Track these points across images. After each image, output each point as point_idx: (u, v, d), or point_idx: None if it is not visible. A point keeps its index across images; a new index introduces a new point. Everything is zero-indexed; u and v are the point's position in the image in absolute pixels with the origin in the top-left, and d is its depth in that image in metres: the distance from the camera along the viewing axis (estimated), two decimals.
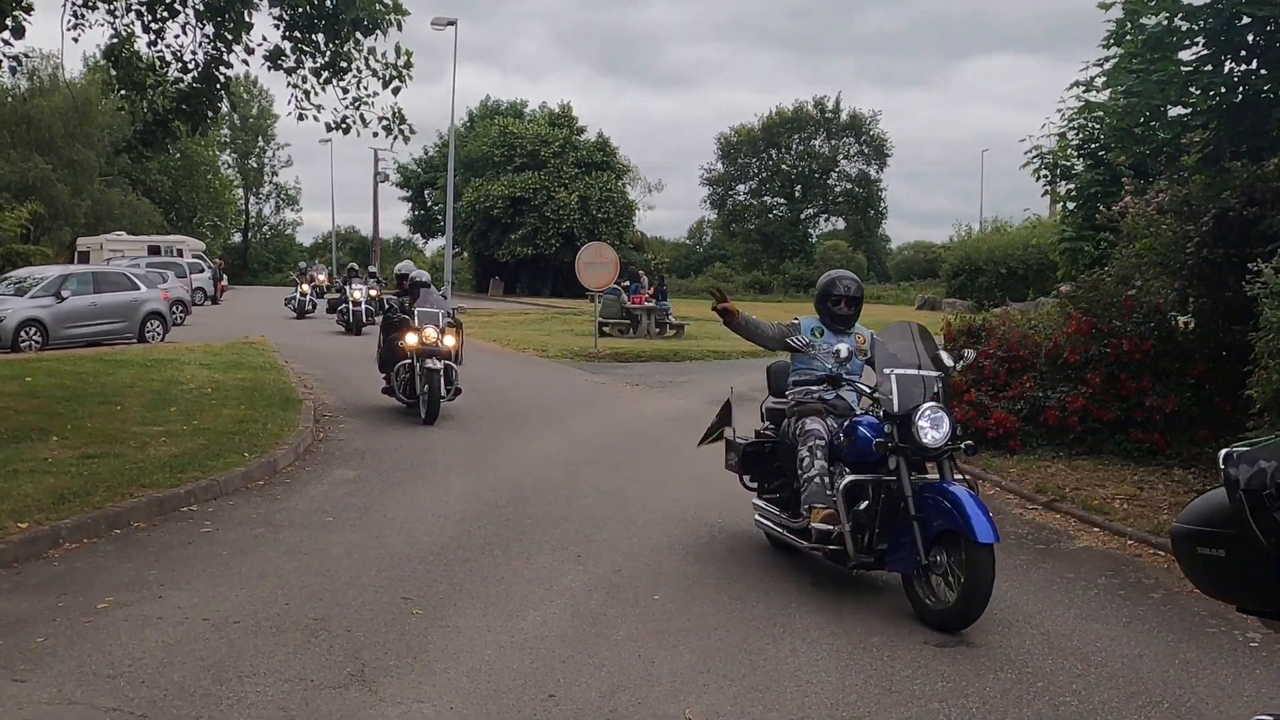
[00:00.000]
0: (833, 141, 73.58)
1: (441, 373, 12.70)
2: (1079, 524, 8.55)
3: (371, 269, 36.50)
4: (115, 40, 12.65)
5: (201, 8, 12.13)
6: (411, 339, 12.78)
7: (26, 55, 13.11)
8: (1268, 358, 6.95)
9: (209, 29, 12.38)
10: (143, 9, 12.44)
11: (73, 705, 4.66)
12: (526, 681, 5.07)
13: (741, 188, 75.55)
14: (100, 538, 7.41)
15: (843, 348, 6.89)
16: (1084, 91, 11.71)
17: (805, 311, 7.74)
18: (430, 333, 12.69)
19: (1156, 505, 8.75)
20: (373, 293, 27.28)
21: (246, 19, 12.01)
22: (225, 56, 12.50)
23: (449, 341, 13.22)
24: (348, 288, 28.22)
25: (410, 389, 13.18)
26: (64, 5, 12.25)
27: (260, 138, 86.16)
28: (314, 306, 34.17)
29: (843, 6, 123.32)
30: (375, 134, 12.84)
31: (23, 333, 21.30)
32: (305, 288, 34.15)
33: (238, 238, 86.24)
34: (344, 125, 12.62)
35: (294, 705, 4.71)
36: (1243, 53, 8.88)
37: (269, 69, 12.49)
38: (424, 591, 6.42)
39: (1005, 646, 5.71)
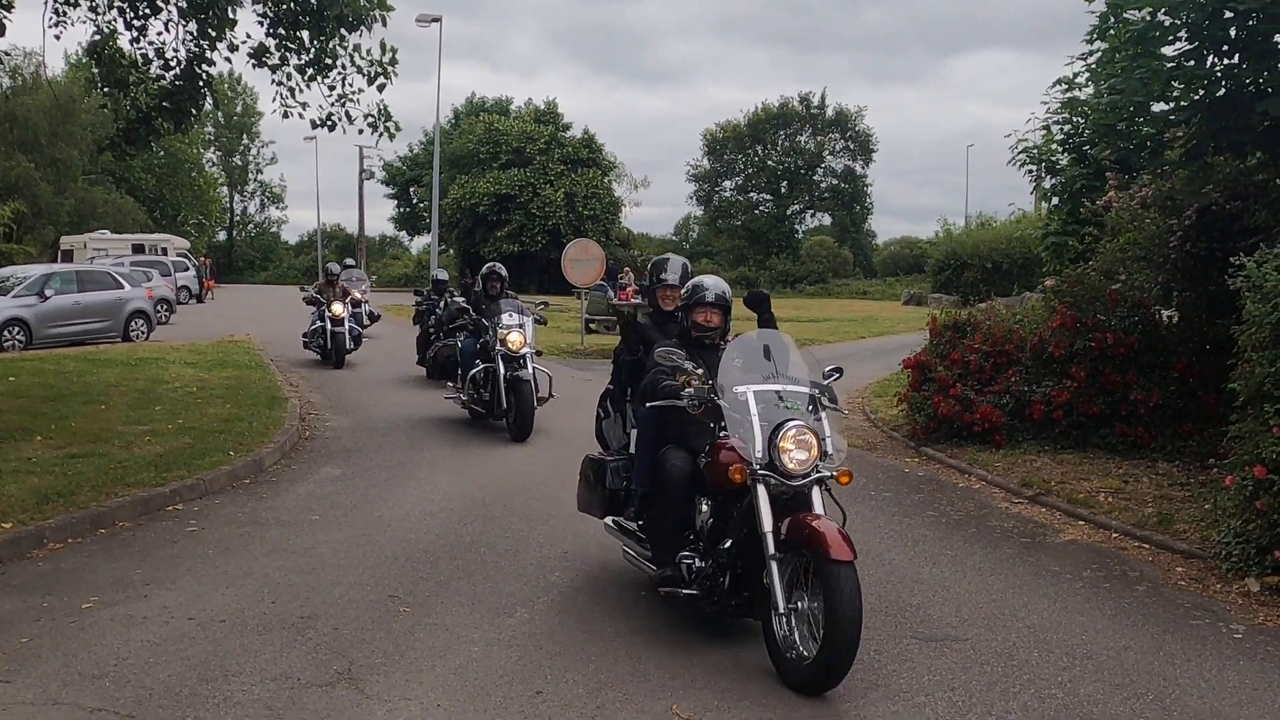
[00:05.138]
0: (818, 138, 73.61)
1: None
2: (1064, 517, 8.59)
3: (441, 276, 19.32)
4: (98, 37, 12.58)
5: (184, 5, 12.06)
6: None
7: (8, 53, 13.05)
8: (1250, 351, 6.97)
9: (192, 26, 12.31)
10: (125, 6, 12.36)
11: (58, 705, 4.64)
12: (514, 679, 5.06)
13: (728, 184, 75.53)
14: (85, 537, 7.38)
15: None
16: (1066, 90, 11.75)
17: (793, 308, 7.75)
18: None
19: (1141, 498, 8.79)
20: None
21: (230, 16, 11.95)
22: (208, 54, 12.43)
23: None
24: (475, 316, 12.71)
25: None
26: (45, 2, 12.18)
27: (245, 135, 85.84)
28: (356, 343, 19.61)
29: (840, 3, 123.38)
30: (360, 131, 12.83)
31: (6, 332, 21.20)
32: (338, 309, 18.81)
33: (223, 236, 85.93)
34: (329, 122, 12.57)
35: (281, 704, 4.70)
36: (1225, 48, 8.90)
37: (253, 66, 12.45)
38: (411, 589, 6.41)
39: (991, 640, 5.73)
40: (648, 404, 5.95)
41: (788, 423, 5.24)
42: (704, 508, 5.71)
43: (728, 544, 5.45)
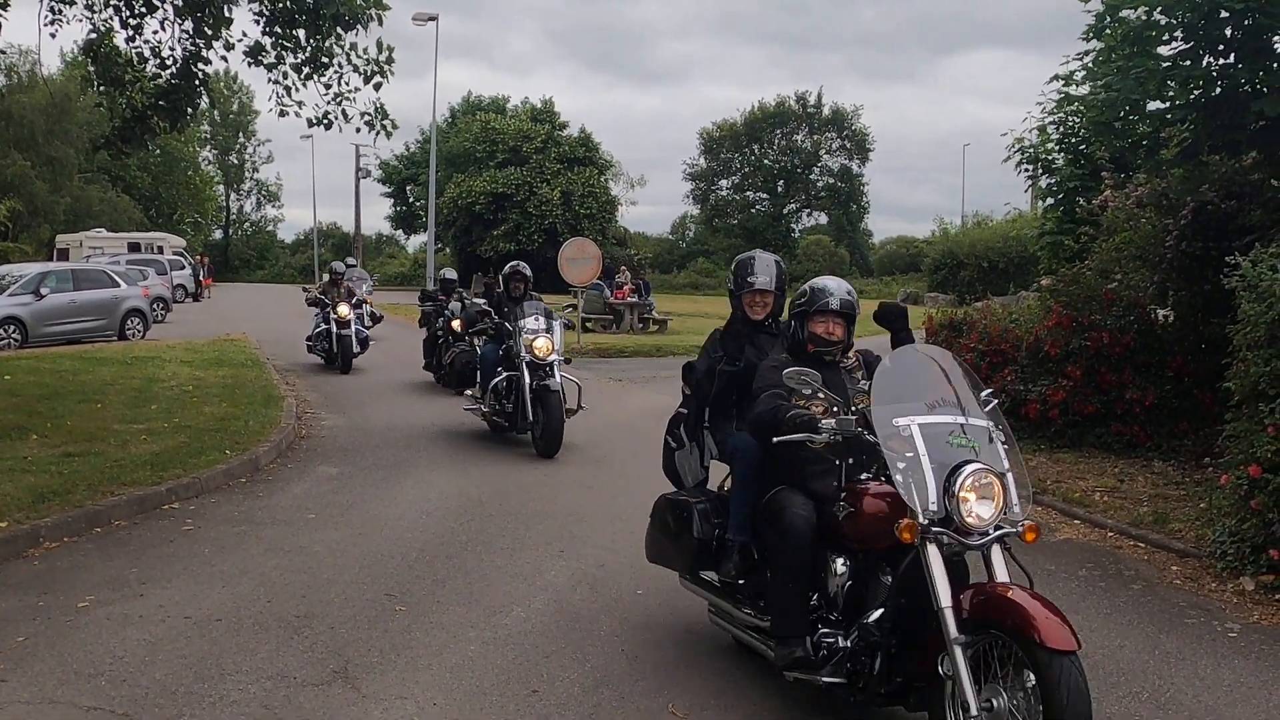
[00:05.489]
0: (815, 136, 73.70)
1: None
2: (1060, 516, 8.60)
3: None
4: (94, 36, 12.57)
5: (180, 3, 12.05)
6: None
7: (3, 52, 13.04)
8: (1246, 350, 6.98)
9: (188, 25, 12.31)
10: (121, 4, 12.35)
11: (54, 704, 4.63)
12: (510, 677, 5.07)
13: (724, 183, 75.64)
14: (81, 536, 7.37)
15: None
16: (1064, 85, 11.76)
17: (787, 307, 7.64)
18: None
19: (1137, 498, 8.80)
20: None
21: (226, 14, 11.95)
22: (204, 52, 12.42)
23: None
24: (497, 319, 11.72)
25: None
26: (41, 1, 12.16)
27: (241, 134, 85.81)
28: (363, 347, 18.60)
29: (836, 1, 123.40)
30: (357, 130, 12.79)
31: (1, 330, 21.21)
32: (344, 310, 17.85)
33: (219, 234, 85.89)
34: (325, 121, 12.56)
35: (277, 703, 4.70)
36: (1221, 47, 8.91)
37: (249, 65, 12.43)
38: (407, 588, 6.41)
39: None
40: (775, 438, 4.62)
41: (966, 465, 4.11)
42: (838, 568, 4.54)
43: (875, 615, 4.31)
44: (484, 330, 12.03)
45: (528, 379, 10.80)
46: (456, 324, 15.03)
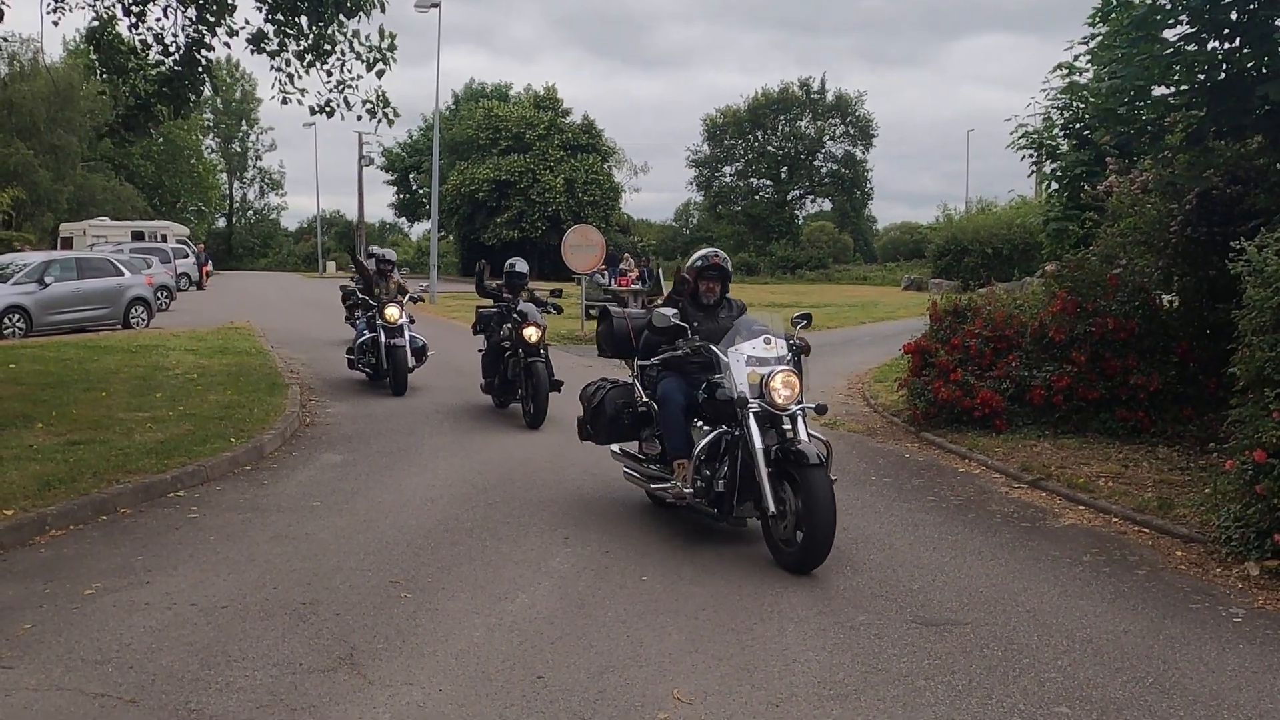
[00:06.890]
0: (818, 123, 73.56)
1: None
2: (1064, 502, 8.60)
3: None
4: (96, 24, 12.56)
5: None
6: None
7: (6, 40, 13.06)
8: (1251, 335, 6.97)
9: (190, 11, 12.31)
10: None
11: (60, 691, 4.65)
12: (515, 663, 5.08)
13: (728, 169, 75.57)
14: (86, 524, 7.39)
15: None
16: (1068, 74, 11.74)
17: (793, 294, 7.75)
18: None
19: (1141, 483, 8.80)
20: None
21: (228, 1, 11.94)
22: (207, 39, 12.43)
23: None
24: (698, 340, 7.30)
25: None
26: None
27: (244, 121, 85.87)
28: (419, 359, 14.36)
29: None
30: (359, 117, 12.81)
31: (6, 319, 21.22)
32: (393, 313, 13.91)
33: (222, 223, 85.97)
34: (327, 108, 12.57)
35: (283, 689, 4.72)
36: (1226, 31, 8.88)
37: (252, 52, 12.44)
38: (412, 575, 6.42)
39: (991, 624, 5.74)
40: None
41: None
42: None
43: None
44: (678, 357, 7.55)
45: (758, 442, 6.70)
46: (531, 333, 11.73)
